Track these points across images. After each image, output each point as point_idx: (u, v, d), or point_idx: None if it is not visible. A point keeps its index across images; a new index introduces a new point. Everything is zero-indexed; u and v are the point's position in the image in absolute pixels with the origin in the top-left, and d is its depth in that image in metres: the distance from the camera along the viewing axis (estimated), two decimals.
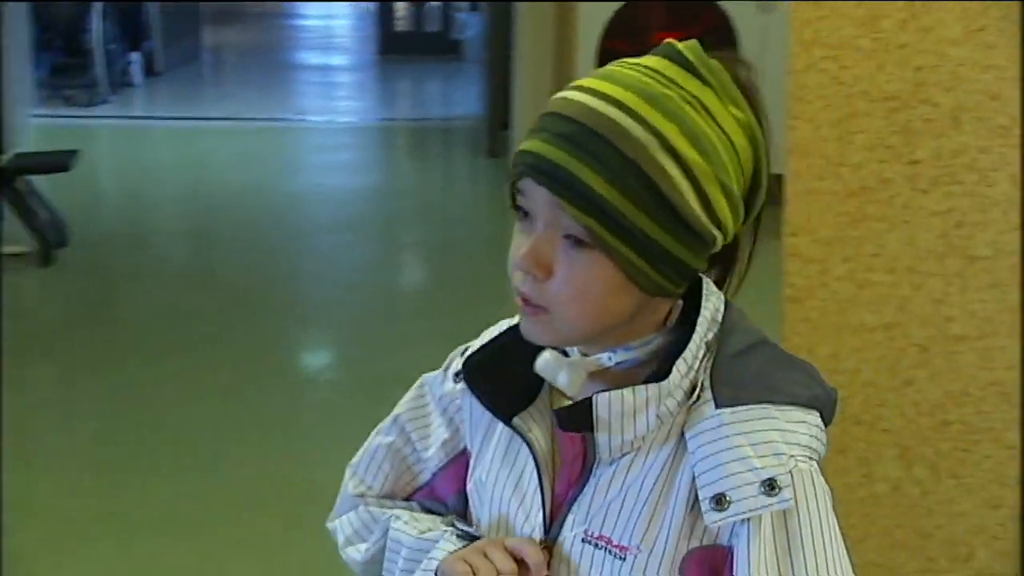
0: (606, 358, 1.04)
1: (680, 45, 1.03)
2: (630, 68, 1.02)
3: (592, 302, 1.00)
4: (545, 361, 1.05)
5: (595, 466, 1.03)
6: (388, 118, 9.51)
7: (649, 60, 1.03)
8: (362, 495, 1.20)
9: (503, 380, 1.08)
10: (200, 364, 3.97)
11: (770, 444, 0.98)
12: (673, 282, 1.01)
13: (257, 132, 8.58)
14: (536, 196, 1.00)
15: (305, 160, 7.83)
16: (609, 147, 0.97)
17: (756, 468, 0.97)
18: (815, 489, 0.98)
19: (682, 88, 1.00)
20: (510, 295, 1.03)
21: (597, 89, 1.00)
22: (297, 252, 5.62)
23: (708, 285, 1.05)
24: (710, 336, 1.03)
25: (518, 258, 1.00)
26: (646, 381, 1.00)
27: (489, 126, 7.49)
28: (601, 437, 1.01)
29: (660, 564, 1.00)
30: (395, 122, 9.33)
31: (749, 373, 1.01)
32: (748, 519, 0.96)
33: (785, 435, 0.99)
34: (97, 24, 9.32)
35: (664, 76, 1.01)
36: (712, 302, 1.04)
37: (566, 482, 1.05)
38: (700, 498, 0.98)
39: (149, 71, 10.40)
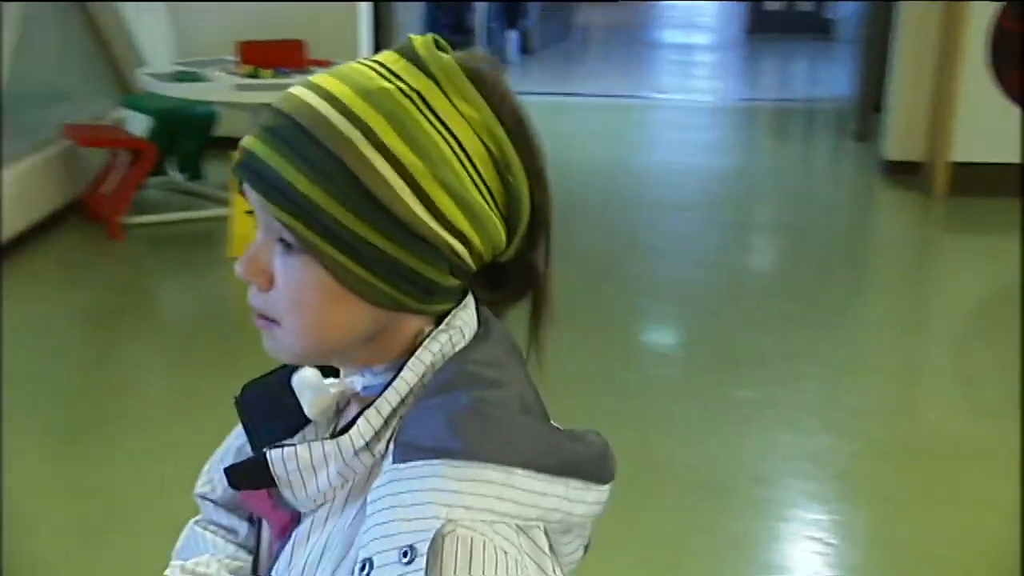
0: (357, 381, 0.96)
1: (417, 39, 0.93)
2: (363, 64, 0.93)
3: (312, 313, 0.90)
4: (300, 379, 0.97)
5: (301, 516, 0.95)
6: (751, 98, 9.38)
7: (384, 55, 0.94)
8: (204, 496, 1.13)
9: (279, 406, 0.99)
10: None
11: (425, 506, 0.84)
12: (411, 296, 0.91)
13: (620, 109, 8.72)
14: (252, 197, 0.91)
15: (664, 138, 7.87)
16: (312, 141, 0.88)
17: (401, 532, 0.85)
18: (474, 558, 0.83)
19: (403, 82, 0.90)
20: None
21: (317, 84, 0.91)
22: (651, 227, 5.67)
23: (462, 313, 0.94)
24: (426, 379, 0.92)
25: (238, 269, 0.92)
26: (337, 434, 0.91)
27: (860, 108, 7.23)
28: (286, 493, 0.93)
29: None
30: (758, 102, 9.20)
31: (437, 422, 0.87)
32: None
33: (450, 496, 0.84)
34: (482, 4, 9.82)
35: (388, 70, 0.91)
36: (441, 339, 0.92)
37: (276, 534, 0.98)
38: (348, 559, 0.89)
39: (524, 49, 10.80)
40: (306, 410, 0.97)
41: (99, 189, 5.24)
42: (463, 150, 0.90)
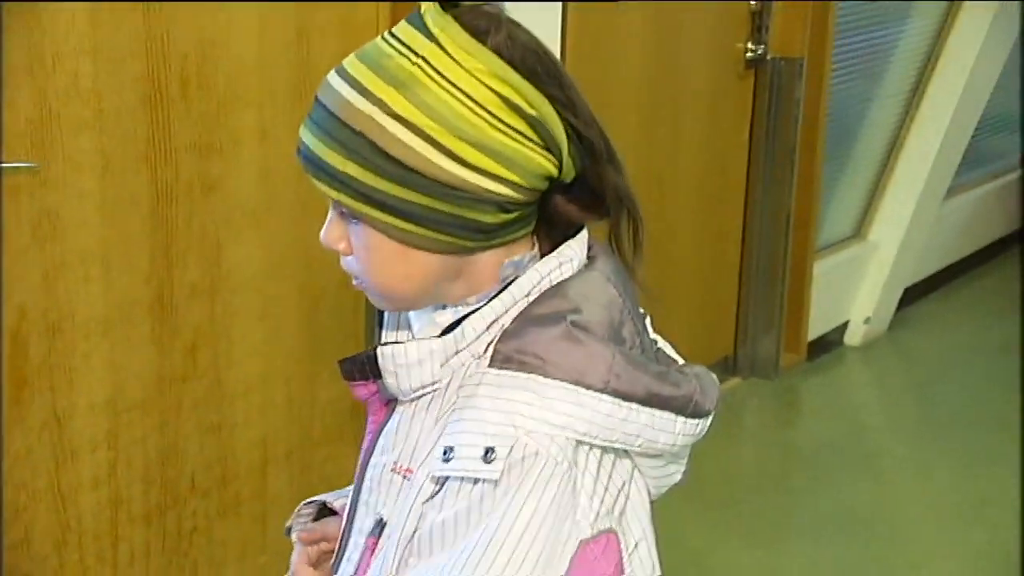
0: (451, 314, 1.05)
1: (424, 5, 0.99)
2: (382, 38, 1.01)
3: (383, 270, 1.02)
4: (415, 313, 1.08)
5: (397, 404, 1.06)
6: None
7: (399, 26, 1.01)
8: None
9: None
10: None
11: (511, 415, 0.96)
12: (466, 238, 1.00)
13: None
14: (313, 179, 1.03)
15: None
16: (341, 124, 0.98)
17: (485, 433, 0.96)
18: (537, 471, 0.95)
19: (410, 50, 0.98)
20: None
21: (343, 67, 1.00)
22: None
23: (573, 243, 1.04)
24: (531, 298, 1.02)
25: (322, 238, 1.04)
26: (443, 333, 1.02)
27: None
28: (389, 381, 1.03)
29: (421, 488, 1.00)
30: None
31: (533, 340, 0.99)
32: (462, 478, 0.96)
33: (533, 409, 0.96)
34: None
35: (398, 41, 0.99)
36: (548, 265, 1.03)
37: (377, 420, 1.09)
38: (437, 444, 0.99)
39: None
40: (416, 335, 1.08)
41: None
42: (473, 101, 0.97)
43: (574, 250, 1.04)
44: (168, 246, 1.98)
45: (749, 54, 3.33)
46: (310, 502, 1.24)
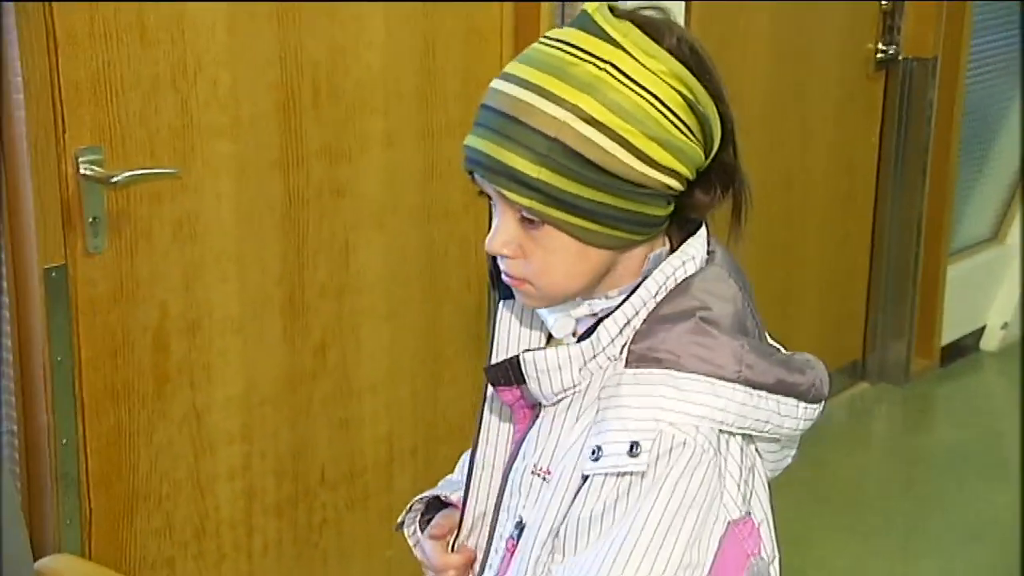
0: (594, 304, 1.09)
1: (590, 9, 1.04)
2: (547, 45, 1.04)
3: (560, 270, 1.06)
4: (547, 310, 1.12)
5: (541, 409, 1.10)
6: None
7: (566, 32, 1.04)
8: None
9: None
10: None
11: (652, 410, 1.02)
12: (638, 233, 1.06)
13: None
14: (486, 187, 1.05)
15: None
16: (532, 131, 1.01)
17: (627, 429, 1.02)
18: (686, 459, 1.01)
19: (595, 56, 1.02)
20: None
21: (516, 75, 1.03)
22: None
23: (695, 241, 1.09)
24: (659, 298, 1.06)
25: (490, 246, 1.07)
26: (580, 339, 1.07)
27: None
28: (532, 386, 1.08)
29: (567, 487, 1.05)
30: None
31: (666, 337, 1.04)
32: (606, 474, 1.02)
33: (673, 402, 1.02)
34: None
35: (577, 48, 1.02)
36: (672, 264, 1.08)
37: (522, 427, 1.13)
38: (585, 447, 1.04)
39: None
40: (552, 331, 1.12)
41: None
42: (660, 101, 1.02)
43: (696, 248, 1.10)
44: (299, 248, 2.06)
45: (880, 55, 3.28)
46: (421, 498, 1.29)
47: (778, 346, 1.16)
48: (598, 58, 1.02)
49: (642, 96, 1.02)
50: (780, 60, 3.02)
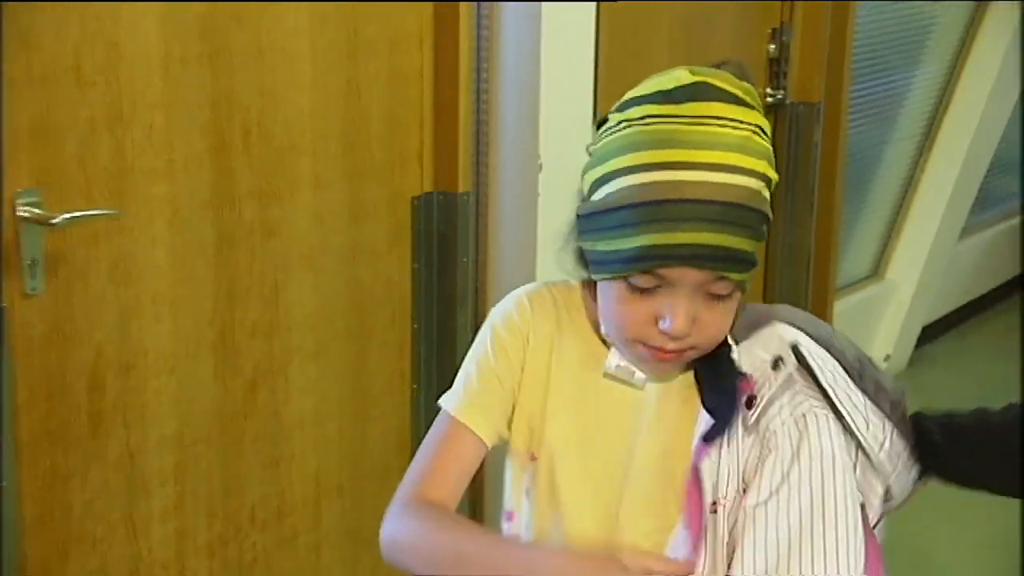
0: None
1: (722, 85, 1.12)
2: (710, 125, 1.10)
3: (728, 324, 1.19)
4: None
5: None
6: None
7: (717, 108, 1.10)
8: None
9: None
10: None
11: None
12: None
13: None
14: (686, 276, 1.12)
15: None
16: (753, 212, 1.11)
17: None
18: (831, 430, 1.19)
19: (750, 124, 1.12)
20: None
21: (711, 162, 1.08)
22: None
23: None
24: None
25: (675, 329, 1.13)
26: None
27: None
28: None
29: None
30: None
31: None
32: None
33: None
34: None
35: (740, 121, 1.11)
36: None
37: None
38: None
39: None
40: (640, 381, 1.24)
41: None
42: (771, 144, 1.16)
43: None
44: (231, 288, 2.10)
45: (769, 99, 3.47)
46: None
47: None
48: (753, 125, 1.12)
49: (768, 143, 1.16)
50: None
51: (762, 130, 1.13)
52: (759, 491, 1.13)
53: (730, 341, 1.21)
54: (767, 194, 1.13)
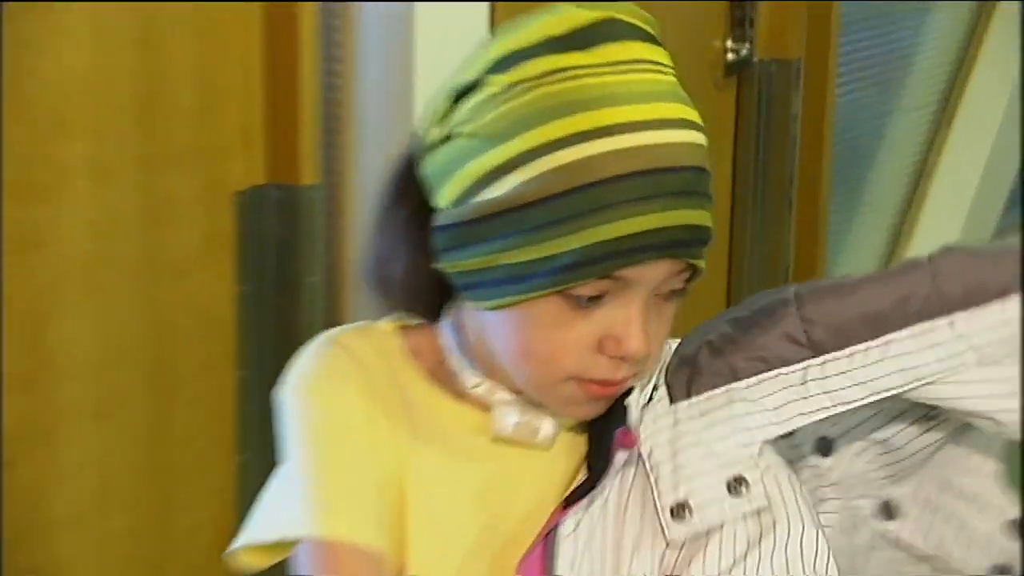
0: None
1: (629, 19, 1.14)
2: (635, 72, 1.12)
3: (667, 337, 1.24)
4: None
5: None
6: None
7: (636, 49, 1.13)
8: None
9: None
10: None
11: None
12: None
13: None
14: (646, 274, 1.12)
15: None
16: (708, 174, 1.14)
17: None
18: None
19: (670, 67, 1.16)
20: None
21: (652, 118, 1.10)
22: None
23: None
24: None
25: (637, 349, 1.14)
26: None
27: None
28: None
29: None
30: None
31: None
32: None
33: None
34: None
35: (662, 64, 1.15)
36: None
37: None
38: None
39: None
40: (547, 440, 1.23)
41: None
42: None
43: None
44: None
45: (731, 55, 3.42)
46: None
47: None
48: (670, 66, 1.16)
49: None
50: None
51: (669, 66, 1.18)
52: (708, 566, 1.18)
53: None
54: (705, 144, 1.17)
